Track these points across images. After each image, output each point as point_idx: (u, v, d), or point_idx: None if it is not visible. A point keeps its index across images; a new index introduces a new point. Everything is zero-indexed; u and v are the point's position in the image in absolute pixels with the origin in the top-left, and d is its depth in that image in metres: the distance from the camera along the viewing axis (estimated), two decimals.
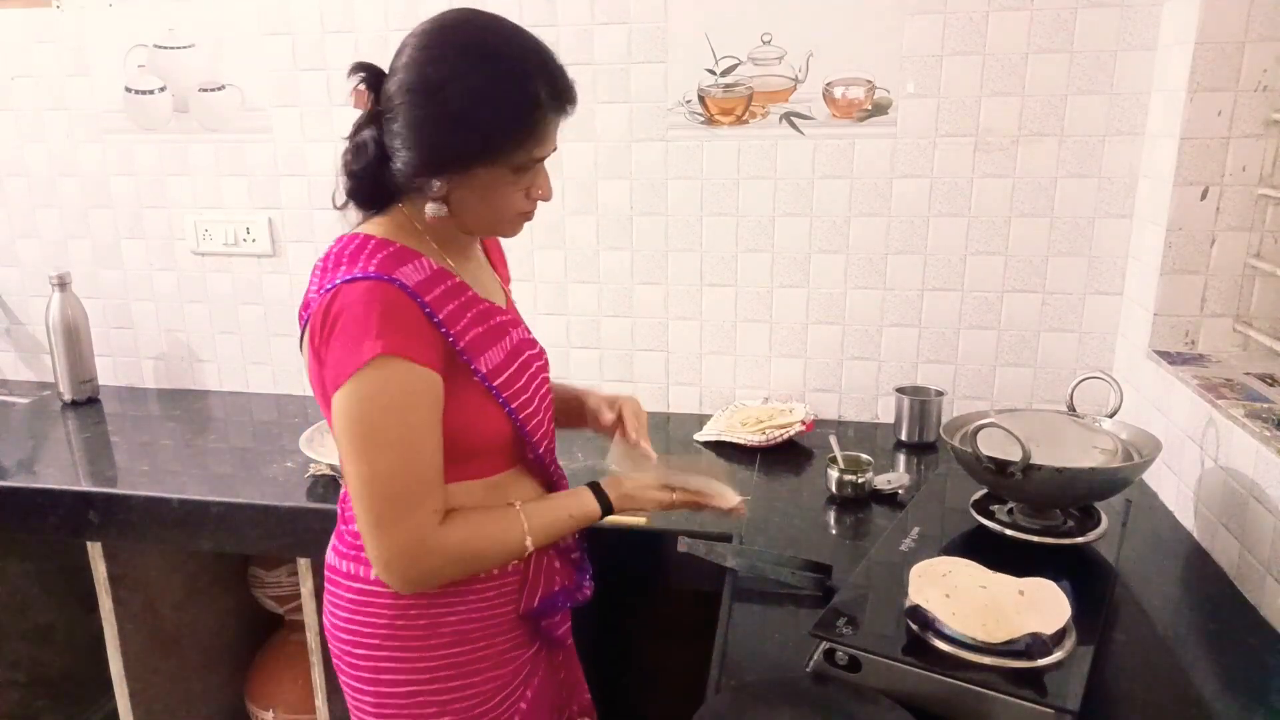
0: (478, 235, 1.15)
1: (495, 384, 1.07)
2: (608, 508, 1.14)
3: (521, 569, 1.14)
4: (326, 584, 1.16)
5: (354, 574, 1.10)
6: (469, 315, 1.06)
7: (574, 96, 1.05)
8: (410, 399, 0.98)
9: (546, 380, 1.21)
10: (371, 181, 1.05)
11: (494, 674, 1.13)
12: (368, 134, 1.04)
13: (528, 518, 1.08)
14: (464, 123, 0.98)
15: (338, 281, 0.99)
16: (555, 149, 1.06)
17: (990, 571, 1.08)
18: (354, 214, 1.11)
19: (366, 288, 0.97)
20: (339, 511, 1.17)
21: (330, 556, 1.16)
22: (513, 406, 1.09)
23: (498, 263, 1.26)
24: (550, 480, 1.21)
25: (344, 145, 1.08)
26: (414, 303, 0.99)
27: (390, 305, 0.97)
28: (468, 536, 1.04)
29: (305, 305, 1.05)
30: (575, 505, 1.14)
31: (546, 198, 1.09)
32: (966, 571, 1.08)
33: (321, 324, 0.99)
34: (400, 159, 1.01)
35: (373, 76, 1.04)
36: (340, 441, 1.00)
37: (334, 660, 1.16)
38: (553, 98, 1.01)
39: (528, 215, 1.10)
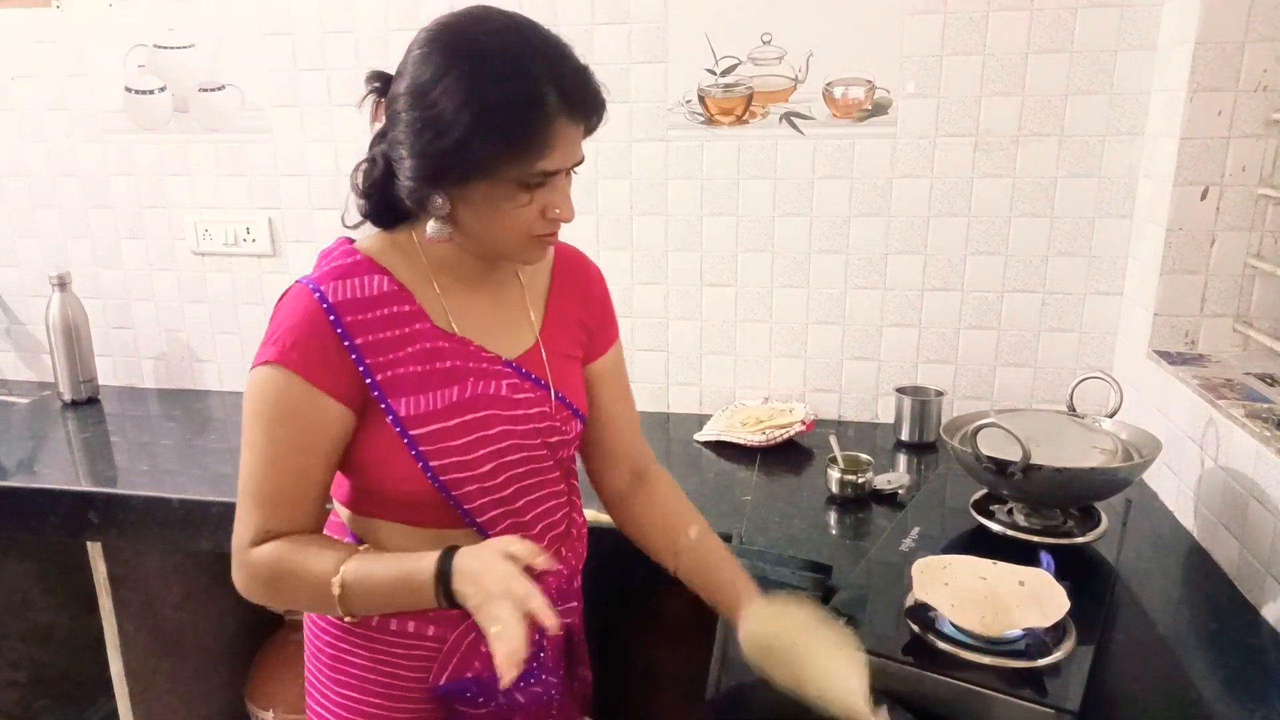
0: (493, 259, 1.01)
1: (411, 432, 0.94)
2: (447, 581, 0.88)
3: (440, 637, 1.02)
4: None
5: None
6: (409, 349, 0.95)
7: (595, 103, 0.93)
8: (281, 414, 0.92)
9: (524, 449, 1.01)
10: (380, 200, 0.98)
11: None
12: (377, 150, 0.96)
13: (354, 559, 0.92)
14: (451, 128, 0.87)
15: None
16: (580, 161, 0.95)
17: (991, 563, 1.08)
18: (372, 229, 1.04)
19: (295, 292, 0.96)
20: None
21: None
22: (431, 464, 0.95)
23: (567, 302, 1.09)
24: None
25: (359, 163, 1.01)
26: (328, 320, 0.92)
27: (302, 316, 0.93)
28: (277, 558, 0.94)
29: None
30: (410, 562, 0.91)
31: (566, 218, 0.95)
32: (968, 563, 1.08)
33: (270, 317, 0.98)
34: (400, 172, 0.92)
35: (384, 85, 0.96)
36: None
37: None
38: (564, 103, 0.89)
39: (546, 239, 0.97)
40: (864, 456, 1.57)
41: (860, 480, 1.52)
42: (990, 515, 1.33)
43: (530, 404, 1.02)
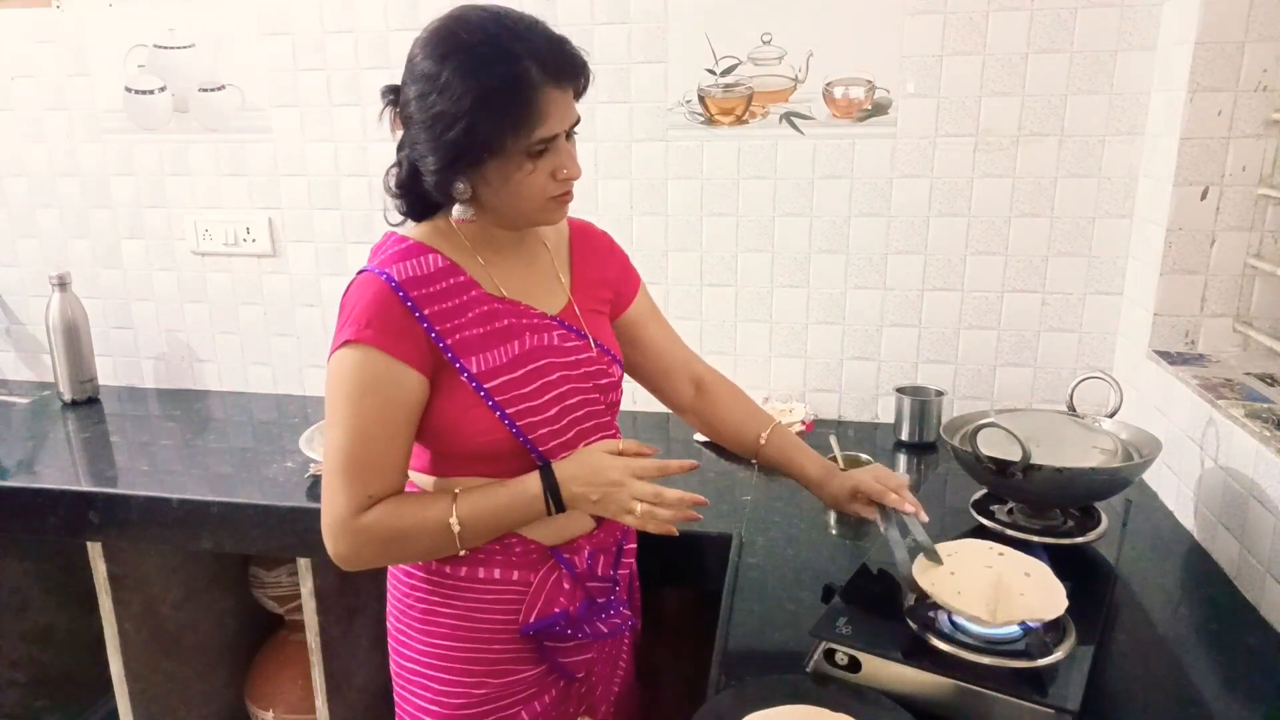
0: (518, 228, 1.12)
1: (486, 386, 1.05)
2: (555, 491, 1.04)
3: (525, 581, 1.12)
4: None
5: None
6: (469, 314, 1.06)
7: (575, 67, 1.01)
8: (365, 386, 1.01)
9: (580, 392, 1.13)
10: (413, 197, 1.08)
11: (488, 681, 1.14)
12: (401, 154, 1.06)
13: (459, 500, 1.04)
14: (455, 118, 0.97)
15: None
16: (577, 121, 1.04)
17: (995, 553, 1.08)
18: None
19: (362, 279, 1.06)
20: None
21: None
22: (508, 412, 1.06)
23: (587, 266, 1.21)
24: None
25: (389, 168, 1.10)
26: (397, 297, 1.02)
27: (374, 298, 1.02)
28: (388, 517, 1.02)
29: None
30: (515, 485, 1.05)
31: (574, 176, 1.05)
32: (972, 550, 1.08)
33: (339, 308, 1.08)
34: (424, 167, 1.02)
35: (397, 97, 1.06)
36: None
37: None
38: (546, 73, 0.98)
39: (562, 199, 1.07)
40: (864, 456, 1.57)
41: None
42: (990, 515, 1.33)
43: (578, 351, 1.14)
